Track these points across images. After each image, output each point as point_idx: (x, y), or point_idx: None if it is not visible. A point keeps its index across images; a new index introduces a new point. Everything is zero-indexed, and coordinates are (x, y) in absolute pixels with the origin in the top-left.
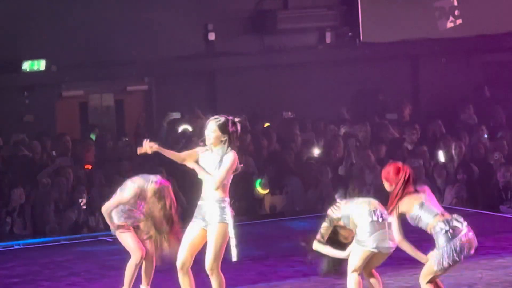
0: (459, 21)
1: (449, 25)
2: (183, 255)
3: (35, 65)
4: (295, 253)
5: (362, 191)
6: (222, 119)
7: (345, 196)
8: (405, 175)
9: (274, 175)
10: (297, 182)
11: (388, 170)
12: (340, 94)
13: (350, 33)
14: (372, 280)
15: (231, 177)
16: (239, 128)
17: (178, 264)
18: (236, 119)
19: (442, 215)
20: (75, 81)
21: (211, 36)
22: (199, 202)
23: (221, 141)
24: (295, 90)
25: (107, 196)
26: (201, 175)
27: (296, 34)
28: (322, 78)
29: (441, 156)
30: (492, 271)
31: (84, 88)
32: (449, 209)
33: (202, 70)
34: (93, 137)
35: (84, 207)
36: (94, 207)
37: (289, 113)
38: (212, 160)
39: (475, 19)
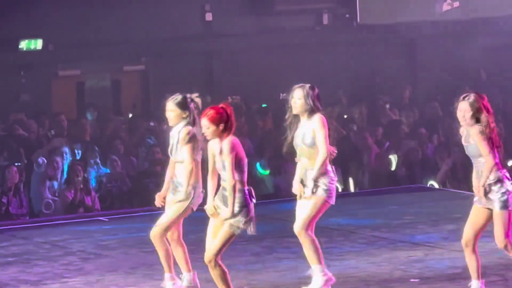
0: (456, 4)
1: (446, 7)
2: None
3: (32, 44)
4: (291, 234)
5: (358, 172)
6: (179, 96)
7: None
8: None
9: (273, 156)
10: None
11: None
12: (337, 75)
13: (347, 15)
14: None
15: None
16: (199, 104)
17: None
18: (194, 95)
19: None
20: (72, 60)
21: (209, 17)
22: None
23: (183, 117)
24: (292, 71)
25: (103, 178)
26: None
27: (293, 16)
28: (319, 60)
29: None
30: (487, 254)
31: (80, 67)
32: (444, 192)
33: (199, 51)
34: (89, 116)
35: (80, 186)
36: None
37: (285, 94)
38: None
39: (473, 2)
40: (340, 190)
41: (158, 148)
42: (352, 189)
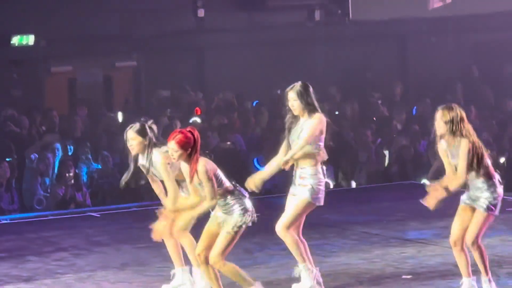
0: (448, 0)
1: (438, 4)
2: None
3: (24, 40)
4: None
5: (354, 169)
6: (137, 124)
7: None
8: None
9: (269, 152)
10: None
11: None
12: (329, 71)
13: (339, 11)
14: None
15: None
16: (155, 130)
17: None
18: (150, 122)
19: None
20: (64, 56)
21: (201, 13)
22: None
23: (144, 144)
24: (284, 67)
25: (94, 173)
26: None
27: (285, 11)
28: (311, 56)
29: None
30: None
31: (72, 63)
32: None
33: (191, 47)
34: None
35: (71, 182)
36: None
37: (278, 90)
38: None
39: None
40: (331, 186)
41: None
42: (344, 184)
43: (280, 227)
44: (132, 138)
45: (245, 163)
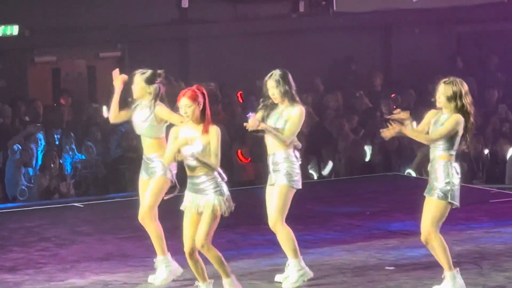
0: None
1: None
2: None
3: (8, 30)
4: (266, 221)
5: (334, 159)
6: (148, 71)
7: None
8: None
9: (252, 144)
10: None
11: None
12: (313, 63)
13: (323, 2)
14: None
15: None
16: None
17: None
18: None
19: None
20: (48, 46)
21: (185, 3)
22: None
23: (148, 93)
24: (268, 58)
25: (78, 164)
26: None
27: (269, 3)
28: (295, 47)
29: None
30: (462, 242)
31: (56, 53)
32: (420, 180)
33: (175, 37)
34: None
35: (55, 172)
36: (65, 173)
37: (257, 81)
38: (143, 114)
39: None
40: (315, 177)
41: (132, 135)
42: (325, 173)
43: (273, 220)
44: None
45: (228, 154)
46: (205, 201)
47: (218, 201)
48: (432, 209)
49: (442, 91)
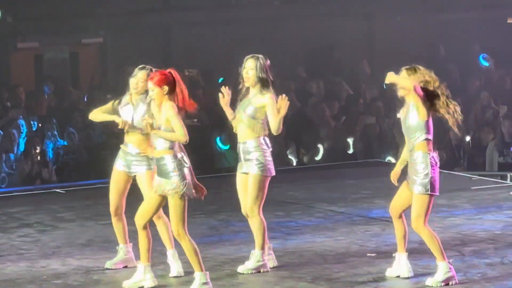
0: None
1: None
2: None
3: None
4: (240, 208)
5: (316, 145)
6: (147, 67)
7: (297, 152)
8: None
9: (231, 131)
10: None
11: None
12: (296, 50)
13: None
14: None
15: None
16: None
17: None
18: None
19: None
20: (30, 33)
21: None
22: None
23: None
24: (251, 45)
25: (60, 150)
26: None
27: None
28: (277, 34)
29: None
30: (444, 229)
31: (39, 40)
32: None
33: (157, 24)
34: (47, 90)
35: (37, 158)
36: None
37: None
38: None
39: None
40: (294, 164)
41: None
42: (318, 158)
43: (248, 209)
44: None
45: (208, 141)
46: (167, 184)
47: (179, 184)
48: (415, 204)
49: (405, 75)
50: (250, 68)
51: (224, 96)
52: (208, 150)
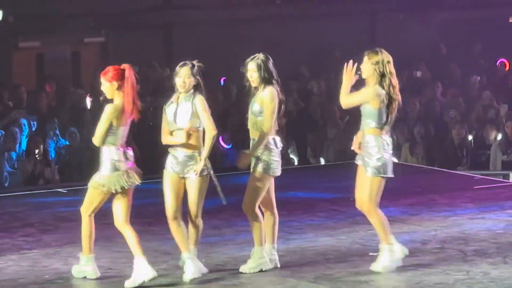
0: None
1: None
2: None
3: None
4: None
5: (322, 146)
6: (190, 63)
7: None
8: None
9: (235, 130)
10: None
11: None
12: (298, 49)
13: None
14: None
15: None
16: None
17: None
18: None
19: None
20: (32, 32)
21: None
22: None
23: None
24: (252, 45)
25: (62, 149)
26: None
27: None
28: (280, 34)
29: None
30: (447, 228)
31: (40, 39)
32: (404, 166)
33: (159, 23)
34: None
35: (39, 158)
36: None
37: (240, 68)
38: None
39: None
40: (296, 163)
41: None
42: (312, 161)
43: (244, 205)
44: (185, 76)
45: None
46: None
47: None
48: (367, 185)
49: (367, 60)
50: (252, 71)
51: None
52: (213, 150)
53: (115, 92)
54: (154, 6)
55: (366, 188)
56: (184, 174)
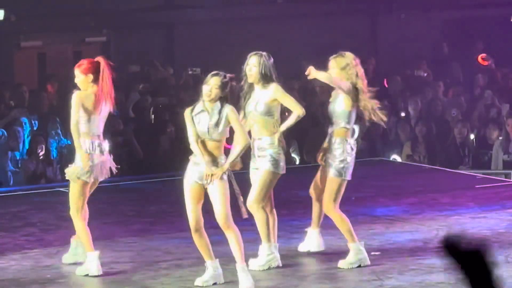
0: None
1: None
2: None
3: None
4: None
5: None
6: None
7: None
8: None
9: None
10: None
11: None
12: (300, 48)
13: None
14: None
15: None
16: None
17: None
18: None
19: None
20: (34, 31)
21: None
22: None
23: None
24: (254, 44)
25: (62, 148)
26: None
27: None
28: (281, 33)
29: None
30: (448, 227)
31: (42, 38)
32: (406, 165)
33: (160, 22)
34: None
35: (42, 157)
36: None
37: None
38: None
39: None
40: (297, 162)
41: (120, 120)
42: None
43: (251, 202)
44: (215, 86)
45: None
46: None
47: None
48: (329, 186)
49: (335, 65)
50: (253, 65)
51: None
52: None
53: (89, 85)
54: (156, 6)
55: (327, 188)
56: (203, 181)
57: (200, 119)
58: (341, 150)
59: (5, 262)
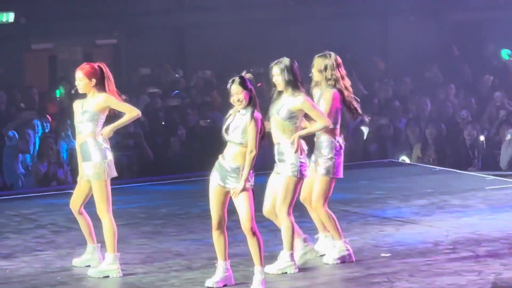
0: None
1: None
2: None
3: (4, 17)
4: (261, 208)
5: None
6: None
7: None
8: None
9: None
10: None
11: None
12: (309, 50)
13: None
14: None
15: None
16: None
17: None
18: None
19: None
20: (44, 34)
21: None
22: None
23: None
24: (263, 46)
25: (73, 149)
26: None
27: None
28: (291, 35)
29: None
30: (458, 229)
31: (53, 41)
32: (416, 166)
33: (171, 25)
34: (60, 91)
35: (52, 159)
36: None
37: (262, 69)
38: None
39: None
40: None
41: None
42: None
43: (277, 211)
44: (237, 93)
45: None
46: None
47: (97, 166)
48: (318, 185)
49: (315, 65)
50: (276, 75)
51: None
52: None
53: (91, 89)
54: (167, 8)
55: (315, 187)
56: (225, 184)
57: (225, 122)
58: (329, 149)
59: (16, 264)
